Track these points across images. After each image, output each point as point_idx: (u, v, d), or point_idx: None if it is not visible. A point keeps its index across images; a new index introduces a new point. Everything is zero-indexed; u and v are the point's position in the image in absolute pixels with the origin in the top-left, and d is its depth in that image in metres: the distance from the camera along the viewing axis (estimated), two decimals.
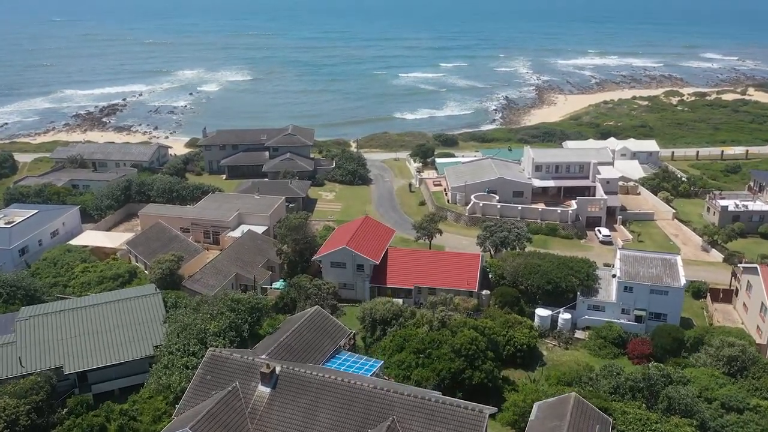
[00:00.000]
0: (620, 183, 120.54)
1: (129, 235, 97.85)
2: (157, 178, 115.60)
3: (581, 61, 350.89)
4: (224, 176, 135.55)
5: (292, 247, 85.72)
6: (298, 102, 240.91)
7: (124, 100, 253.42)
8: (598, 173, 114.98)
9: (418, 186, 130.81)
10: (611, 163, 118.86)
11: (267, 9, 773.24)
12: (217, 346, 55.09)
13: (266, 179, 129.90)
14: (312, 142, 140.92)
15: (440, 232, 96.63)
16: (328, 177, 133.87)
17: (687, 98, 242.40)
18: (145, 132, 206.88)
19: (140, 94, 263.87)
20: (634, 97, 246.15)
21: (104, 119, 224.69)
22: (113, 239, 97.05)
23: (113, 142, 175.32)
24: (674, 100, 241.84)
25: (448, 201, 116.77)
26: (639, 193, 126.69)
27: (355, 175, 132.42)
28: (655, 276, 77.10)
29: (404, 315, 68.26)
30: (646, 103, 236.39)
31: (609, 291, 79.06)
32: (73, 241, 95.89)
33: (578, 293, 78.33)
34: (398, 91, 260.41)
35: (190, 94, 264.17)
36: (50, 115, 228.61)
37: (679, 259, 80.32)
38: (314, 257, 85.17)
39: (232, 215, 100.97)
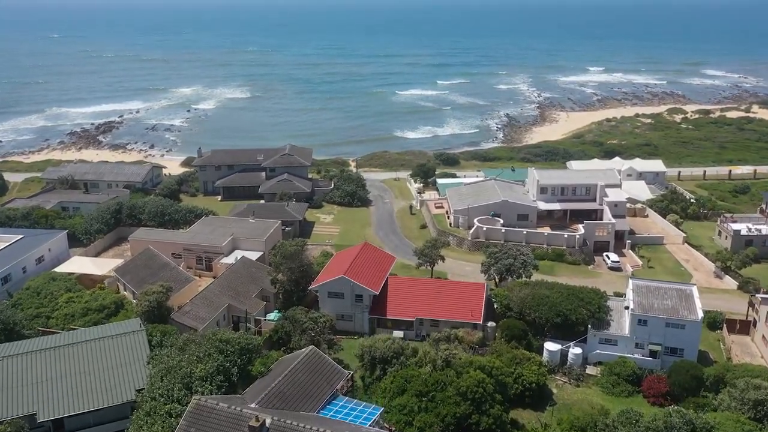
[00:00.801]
0: (627, 205, 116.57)
1: (118, 262, 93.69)
2: (149, 201, 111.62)
3: (582, 78, 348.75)
4: (219, 198, 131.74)
5: (287, 276, 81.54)
6: (297, 120, 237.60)
7: (120, 117, 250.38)
8: (606, 196, 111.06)
9: (419, 208, 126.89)
10: (619, 185, 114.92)
11: (266, 25, 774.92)
12: (203, 393, 50.80)
13: (262, 201, 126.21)
14: (310, 163, 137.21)
15: (442, 259, 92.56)
16: (327, 198, 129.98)
17: (690, 116, 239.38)
18: (141, 150, 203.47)
19: (137, 112, 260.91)
20: (637, 115, 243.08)
21: (100, 137, 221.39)
22: (101, 266, 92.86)
23: (107, 161, 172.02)
24: (678, 117, 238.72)
25: (450, 224, 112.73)
26: (647, 216, 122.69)
27: (354, 196, 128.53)
28: (671, 308, 72.92)
29: (405, 353, 64.04)
30: (649, 120, 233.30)
31: (621, 324, 74.81)
32: (60, 268, 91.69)
33: (589, 326, 74.08)
34: (398, 109, 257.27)
35: (188, 111, 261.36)
36: (45, 133, 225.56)
37: (695, 289, 76.15)
38: (311, 287, 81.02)
39: (226, 240, 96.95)
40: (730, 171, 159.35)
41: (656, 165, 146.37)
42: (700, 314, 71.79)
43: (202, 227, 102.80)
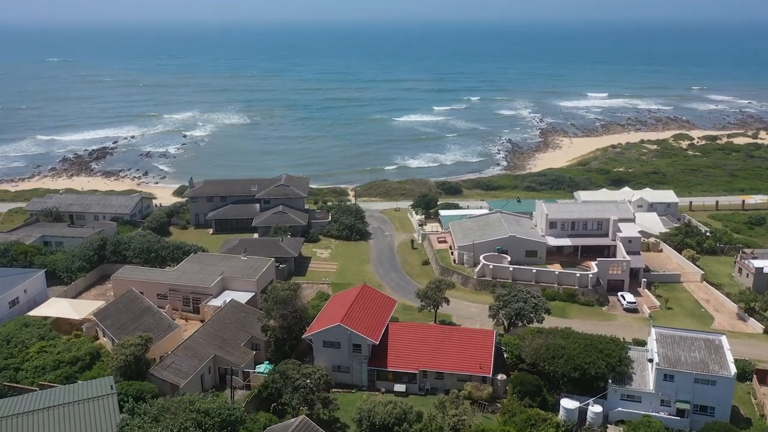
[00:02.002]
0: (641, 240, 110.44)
1: (98, 304, 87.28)
2: (135, 236, 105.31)
3: (584, 103, 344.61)
4: (211, 231, 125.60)
5: (279, 323, 75.05)
6: (295, 148, 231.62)
7: (114, 143, 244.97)
8: (619, 231, 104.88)
9: (420, 242, 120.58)
10: (632, 219, 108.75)
11: (266, 49, 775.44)
12: None
13: (256, 234, 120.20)
14: (306, 194, 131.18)
15: (447, 302, 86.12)
16: (324, 232, 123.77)
17: (697, 142, 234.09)
18: (134, 178, 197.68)
19: (132, 137, 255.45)
20: (642, 141, 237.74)
21: (92, 164, 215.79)
22: (80, 309, 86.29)
23: (96, 191, 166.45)
24: (684, 143, 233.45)
25: (454, 261, 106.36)
26: (661, 250, 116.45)
27: (353, 229, 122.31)
28: (699, 362, 66.38)
29: (409, 418, 57.40)
30: (655, 147, 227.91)
31: (645, 378, 68.24)
32: (35, 311, 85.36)
33: (609, 381, 67.46)
34: (398, 136, 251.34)
35: (184, 135, 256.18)
36: (37, 159, 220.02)
37: (724, 340, 69.70)
38: (304, 335, 74.44)
39: (215, 281, 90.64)
40: (743, 201, 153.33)
41: (668, 195, 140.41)
42: (733, 369, 65.27)
43: (190, 265, 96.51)
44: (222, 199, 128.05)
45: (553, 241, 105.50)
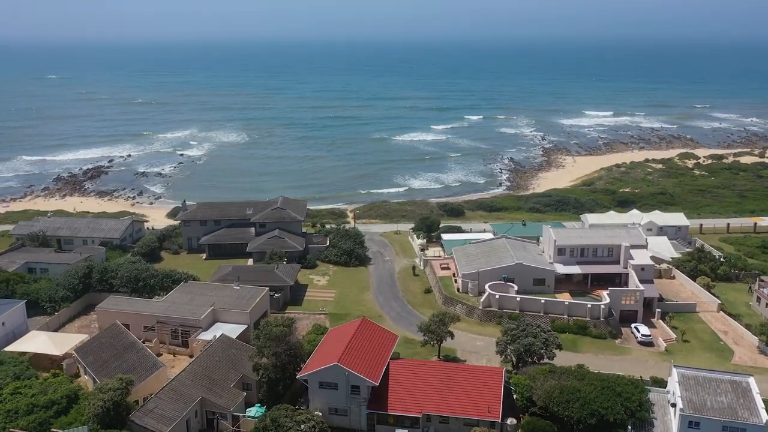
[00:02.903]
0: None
1: (80, 339, 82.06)
2: (123, 264, 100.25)
3: (586, 121, 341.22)
4: (204, 256, 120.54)
5: (272, 362, 69.86)
6: (294, 168, 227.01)
7: (110, 162, 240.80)
8: (631, 258, 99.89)
9: (422, 268, 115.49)
10: (645, 246, 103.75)
11: (267, 66, 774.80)
12: None
13: (250, 260, 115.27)
14: (304, 217, 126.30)
15: (452, 336, 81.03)
16: (322, 257, 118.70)
17: (703, 161, 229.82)
18: (128, 198, 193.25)
19: (128, 156, 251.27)
20: (647, 160, 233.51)
21: (87, 183, 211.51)
22: (61, 343, 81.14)
23: (88, 212, 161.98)
24: (690, 163, 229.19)
25: (458, 289, 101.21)
26: (673, 277, 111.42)
27: (352, 255, 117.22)
28: (727, 407, 61.17)
29: None
30: (660, 166, 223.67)
31: (666, 423, 63.04)
32: (12, 346, 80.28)
33: (629, 428, 62.20)
34: (399, 156, 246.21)
35: (180, 155, 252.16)
36: (30, 179, 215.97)
37: (752, 382, 64.56)
38: (299, 375, 69.21)
39: (205, 312, 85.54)
40: (755, 224, 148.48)
41: (678, 218, 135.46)
42: (764, 416, 59.99)
43: (179, 295, 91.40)
44: (216, 223, 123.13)
45: (562, 269, 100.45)
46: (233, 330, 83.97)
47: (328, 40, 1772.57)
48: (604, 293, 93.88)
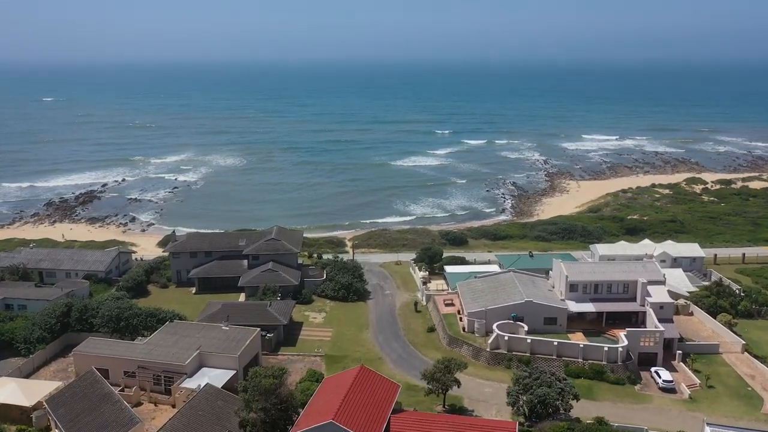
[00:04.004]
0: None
1: (53, 387, 75.35)
2: (104, 302, 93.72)
3: (589, 145, 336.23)
4: (193, 290, 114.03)
5: (261, 417, 63.14)
6: (292, 194, 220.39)
7: (103, 186, 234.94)
8: (648, 295, 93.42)
9: (425, 303, 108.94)
10: (662, 282, 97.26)
11: (265, 89, 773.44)
12: None
13: (242, 295, 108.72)
14: (299, 249, 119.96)
15: (458, 384, 74.35)
16: (318, 291, 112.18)
17: (711, 186, 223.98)
18: (120, 225, 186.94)
19: (123, 181, 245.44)
20: (654, 185, 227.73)
21: (78, 208, 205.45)
22: (32, 392, 74.38)
23: (75, 241, 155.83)
24: (698, 188, 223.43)
25: (463, 329, 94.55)
26: (691, 313, 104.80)
27: (350, 289, 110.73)
28: None
29: None
30: (667, 191, 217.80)
31: None
32: None
33: None
34: (400, 182, 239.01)
35: (175, 179, 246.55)
36: (21, 204, 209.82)
37: None
38: None
39: (190, 357, 78.91)
40: None
41: (692, 249, 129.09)
42: None
43: (163, 337, 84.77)
44: (206, 255, 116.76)
45: (574, 307, 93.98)
46: (221, 376, 77.45)
47: (329, 61, 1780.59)
48: (621, 334, 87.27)
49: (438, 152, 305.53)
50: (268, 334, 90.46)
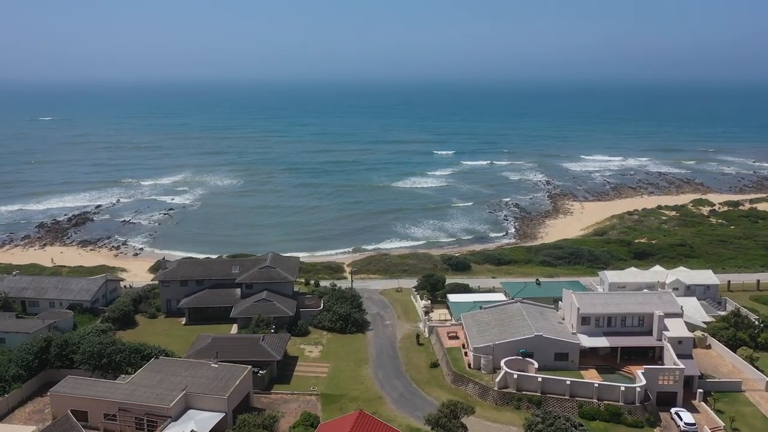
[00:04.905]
0: None
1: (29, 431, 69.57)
2: (86, 336, 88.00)
3: (591, 165, 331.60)
4: (183, 320, 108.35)
5: None
6: (292, 218, 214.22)
7: (97, 208, 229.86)
8: (665, 329, 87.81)
9: (427, 336, 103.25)
10: (680, 314, 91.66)
11: (265, 108, 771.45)
12: None
13: (235, 327, 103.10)
14: (295, 277, 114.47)
15: (465, 429, 68.52)
16: (315, 322, 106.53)
17: (719, 208, 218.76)
18: (112, 248, 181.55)
19: (117, 202, 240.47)
20: (659, 207, 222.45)
21: (71, 230, 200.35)
22: None
23: (63, 267, 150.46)
24: (705, 209, 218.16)
25: (469, 365, 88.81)
26: (709, 346, 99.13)
27: (348, 320, 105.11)
28: None
29: None
30: (674, 213, 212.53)
31: None
32: None
33: None
34: (401, 204, 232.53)
35: (172, 199, 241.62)
36: (12, 226, 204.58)
37: None
38: None
39: (176, 398, 73.25)
40: None
41: (706, 276, 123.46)
42: None
43: (148, 375, 79.02)
44: (198, 283, 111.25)
45: (587, 341, 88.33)
46: (208, 420, 71.81)
47: (328, 80, 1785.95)
48: (639, 372, 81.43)
49: (439, 173, 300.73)
50: (260, 371, 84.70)
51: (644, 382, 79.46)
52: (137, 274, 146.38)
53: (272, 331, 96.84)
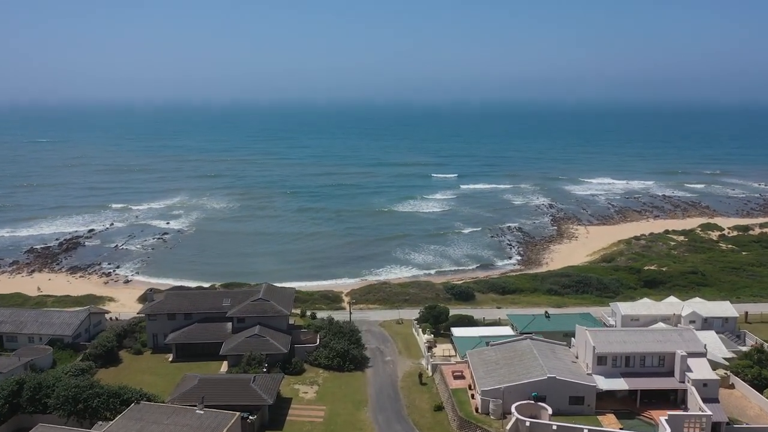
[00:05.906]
0: None
1: None
2: (61, 379, 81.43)
3: (595, 188, 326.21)
4: (170, 357, 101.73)
5: None
6: (288, 244, 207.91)
7: (90, 232, 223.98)
8: (688, 370, 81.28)
9: (431, 374, 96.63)
10: (703, 354, 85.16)
11: (263, 130, 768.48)
12: None
13: (225, 365, 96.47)
14: (290, 311, 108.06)
15: None
16: (310, 359, 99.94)
17: (728, 233, 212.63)
18: (102, 275, 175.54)
19: (111, 226, 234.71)
20: (667, 231, 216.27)
21: (61, 256, 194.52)
22: None
23: (49, 296, 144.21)
24: (714, 234, 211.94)
25: (476, 409, 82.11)
26: (732, 386, 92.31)
27: (346, 357, 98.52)
28: None
29: None
30: (682, 238, 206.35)
31: None
32: None
33: None
34: (401, 229, 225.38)
35: (167, 223, 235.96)
36: (1, 252, 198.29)
37: None
38: None
39: None
40: None
41: (724, 308, 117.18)
42: None
43: (126, 424, 72.16)
44: (186, 317, 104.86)
45: (604, 383, 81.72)
46: None
47: (331, 103, 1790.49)
48: (662, 419, 74.74)
49: (440, 196, 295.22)
50: (250, 417, 78.05)
51: (669, 430, 72.77)
52: (125, 304, 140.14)
53: (264, 369, 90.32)
